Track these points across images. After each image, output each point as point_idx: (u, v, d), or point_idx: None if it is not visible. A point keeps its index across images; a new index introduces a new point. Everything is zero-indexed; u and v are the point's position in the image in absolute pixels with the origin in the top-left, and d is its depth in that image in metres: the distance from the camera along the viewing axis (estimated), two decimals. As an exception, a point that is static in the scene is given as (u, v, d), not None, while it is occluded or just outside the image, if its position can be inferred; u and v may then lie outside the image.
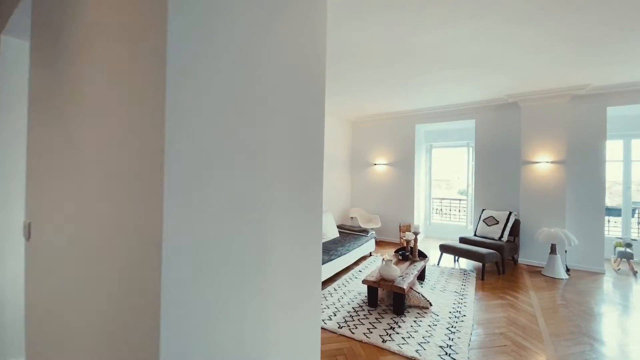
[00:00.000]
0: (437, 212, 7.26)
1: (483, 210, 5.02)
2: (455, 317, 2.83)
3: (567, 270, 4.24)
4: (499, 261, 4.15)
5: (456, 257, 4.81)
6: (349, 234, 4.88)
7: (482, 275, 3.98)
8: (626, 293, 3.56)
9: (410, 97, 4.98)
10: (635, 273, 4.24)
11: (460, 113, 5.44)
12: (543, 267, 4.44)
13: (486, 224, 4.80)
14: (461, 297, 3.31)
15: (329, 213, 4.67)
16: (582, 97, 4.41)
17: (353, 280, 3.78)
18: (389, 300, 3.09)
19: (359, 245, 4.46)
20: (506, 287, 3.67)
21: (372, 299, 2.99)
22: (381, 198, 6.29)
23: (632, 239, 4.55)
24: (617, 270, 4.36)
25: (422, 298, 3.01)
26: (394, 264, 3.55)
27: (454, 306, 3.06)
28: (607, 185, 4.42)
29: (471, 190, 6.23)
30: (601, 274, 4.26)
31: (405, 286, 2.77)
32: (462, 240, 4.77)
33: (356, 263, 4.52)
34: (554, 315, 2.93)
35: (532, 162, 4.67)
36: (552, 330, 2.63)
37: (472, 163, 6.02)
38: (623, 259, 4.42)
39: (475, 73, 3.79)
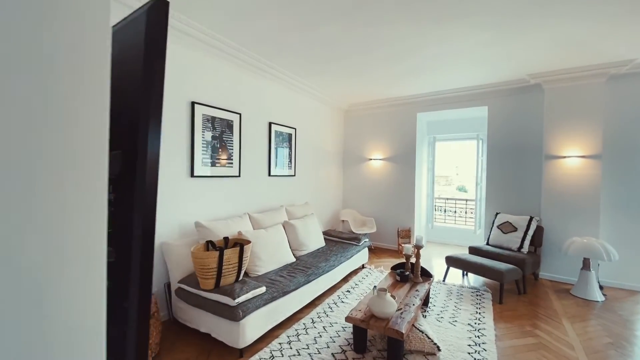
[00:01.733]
0: (441, 213, 6.46)
1: (497, 214, 4.22)
2: (473, 369, 2.04)
3: (601, 287, 3.46)
4: (519, 279, 3.36)
5: (465, 272, 4.02)
6: (338, 242, 4.08)
7: (500, 298, 3.19)
8: (686, 324, 2.78)
9: (410, 79, 4.14)
10: (686, 293, 3.46)
11: (470, 99, 4.61)
12: (571, 285, 3.66)
13: (501, 231, 4.00)
14: (478, 333, 2.52)
15: (310, 217, 3.86)
16: (623, 77, 3.58)
17: (338, 306, 2.99)
18: (383, 342, 2.30)
19: (348, 258, 3.66)
20: (532, 316, 2.88)
21: (360, 342, 2.20)
22: (377, 198, 5.48)
23: (683, 252, 3.75)
24: (664, 290, 3.58)
25: (427, 340, 2.22)
26: (390, 285, 2.77)
27: (470, 350, 2.27)
28: None
29: (481, 190, 5.42)
30: (643, 293, 3.49)
31: (404, 329, 1.97)
32: (473, 250, 3.98)
33: (345, 279, 3.73)
34: (607, 365, 2.15)
35: (558, 157, 3.85)
36: (612, 395, 1.85)
37: (482, 158, 5.20)
38: (669, 275, 3.63)
39: (493, 41, 2.95)
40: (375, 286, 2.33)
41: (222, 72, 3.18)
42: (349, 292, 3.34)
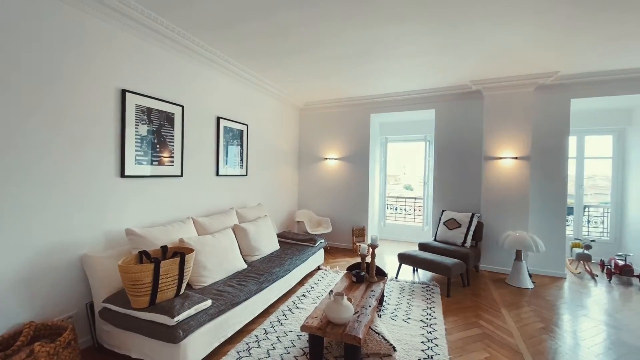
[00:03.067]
0: (392, 211, 6.70)
1: (443, 211, 4.46)
2: (427, 366, 2.06)
3: (530, 275, 3.84)
4: (463, 272, 3.57)
5: (415, 268, 4.17)
6: (293, 244, 3.93)
7: (447, 292, 3.35)
8: (600, 301, 3.20)
9: (365, 80, 4.16)
10: (594, 276, 4.02)
11: (419, 102, 4.81)
12: (506, 275, 4.01)
13: (447, 227, 4.24)
14: (430, 328, 2.57)
15: (264, 219, 3.65)
16: (548, 87, 4.04)
17: (293, 312, 2.84)
18: (339, 349, 2.22)
19: (304, 260, 3.54)
20: (476, 307, 3.07)
21: (316, 351, 2.08)
22: (332, 198, 5.46)
23: (591, 240, 4.36)
24: (578, 274, 4.11)
25: (384, 342, 2.19)
26: (346, 286, 2.70)
27: (424, 347, 2.30)
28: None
29: (428, 189, 5.73)
30: (562, 278, 3.96)
31: (361, 333, 1.90)
32: (422, 247, 4.14)
33: (301, 282, 3.59)
34: (539, 347, 2.34)
35: (495, 158, 4.20)
36: (546, 377, 2.00)
37: (429, 159, 5.49)
38: (581, 262, 4.20)
39: (439, 48, 3.08)
40: (331, 290, 2.23)
41: (161, 59, 2.81)
42: (305, 296, 3.21)
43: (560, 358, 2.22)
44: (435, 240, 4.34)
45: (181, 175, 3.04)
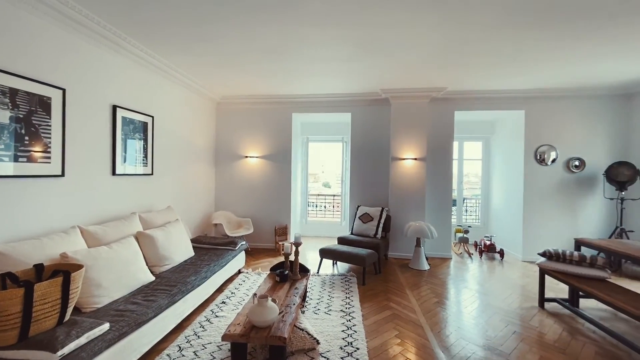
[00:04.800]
0: (313, 209, 6.93)
1: (358, 207, 4.86)
2: (348, 352, 2.21)
3: (427, 258, 4.53)
4: (376, 261, 3.96)
5: (335, 261, 4.42)
6: (210, 249, 3.66)
7: (363, 280, 3.66)
8: (475, 275, 4.00)
9: (287, 79, 4.17)
10: (470, 255, 5.00)
11: (337, 105, 5.09)
12: (409, 259, 4.62)
13: (362, 221, 4.62)
14: (349, 317, 2.76)
15: (175, 224, 3.28)
16: (439, 100, 4.81)
17: (212, 322, 2.64)
18: (264, 352, 2.17)
19: (223, 266, 3.33)
20: (387, 291, 3.44)
21: (239, 359, 1.98)
22: (254, 197, 5.29)
23: (469, 226, 5.40)
24: (460, 254, 5.05)
25: (308, 337, 2.25)
26: (270, 287, 2.66)
27: (344, 335, 2.45)
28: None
29: (345, 186, 6.13)
30: (449, 258, 4.80)
31: (286, 332, 1.90)
32: (341, 240, 4.42)
33: (220, 289, 3.37)
34: (435, 318, 2.78)
35: (399, 159, 4.79)
36: (440, 342, 2.39)
37: (346, 159, 5.88)
38: (461, 244, 5.16)
39: (354, 56, 3.33)
40: (255, 293, 2.16)
41: (30, 28, 2.21)
42: (225, 303, 3.03)
43: (449, 325, 2.69)
44: (352, 233, 4.68)
45: (62, 175, 2.46)
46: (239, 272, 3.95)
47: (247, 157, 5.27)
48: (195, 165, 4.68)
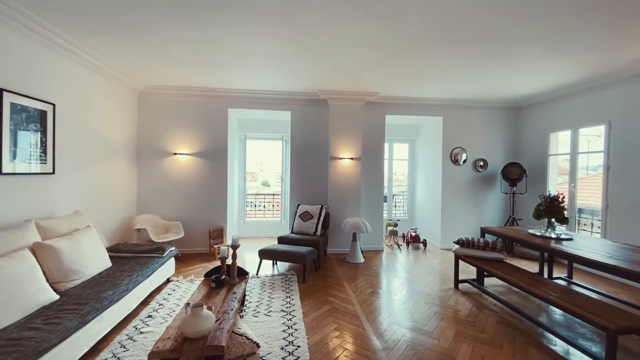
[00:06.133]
0: (252, 208, 6.71)
1: (299, 205, 4.88)
2: (289, 352, 2.20)
3: (362, 252, 4.81)
4: (315, 257, 4.04)
5: (275, 261, 4.36)
6: (132, 257, 3.24)
7: (303, 278, 3.70)
8: (403, 264, 4.39)
9: (222, 71, 3.94)
10: (399, 246, 5.48)
11: (276, 102, 5.02)
12: (346, 254, 4.84)
13: (302, 219, 4.66)
14: (289, 316, 2.76)
15: (85, 231, 2.81)
16: (372, 104, 5.13)
17: (136, 340, 2.35)
18: (199, 364, 2.02)
19: (148, 275, 2.99)
20: (326, 286, 3.54)
21: (170, 376, 1.80)
22: (184, 198, 4.87)
23: (397, 220, 5.91)
24: (390, 246, 5.49)
25: (247, 341, 2.17)
26: (205, 295, 2.49)
27: (285, 335, 2.44)
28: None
29: (285, 185, 6.09)
30: (382, 250, 5.18)
31: (224, 340, 1.80)
32: (281, 240, 4.38)
33: (145, 302, 3.02)
34: (370, 308, 2.97)
35: (337, 158, 4.97)
36: (375, 330, 2.56)
37: (286, 157, 5.85)
38: (392, 236, 5.62)
39: (292, 55, 3.33)
40: (188, 303, 2.00)
41: None
42: (151, 317, 2.72)
43: (382, 312, 2.91)
44: (292, 232, 4.68)
45: None
46: (168, 280, 3.59)
47: (176, 154, 4.82)
48: (111, 162, 4.08)
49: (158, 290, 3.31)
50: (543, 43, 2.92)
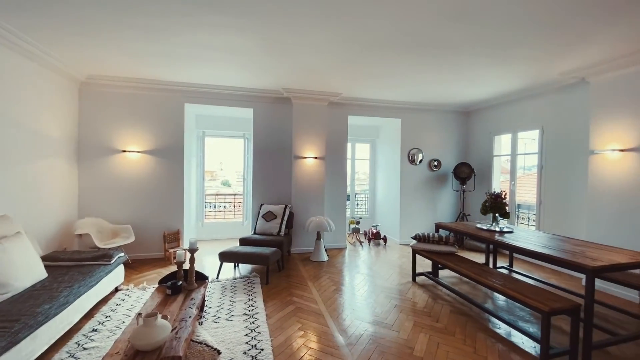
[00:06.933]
0: (211, 209, 6.42)
1: (262, 205, 4.78)
2: (252, 356, 2.14)
3: (326, 250, 4.86)
4: (279, 258, 3.99)
5: (236, 263, 4.22)
6: (72, 266, 2.91)
7: (267, 279, 3.63)
8: (365, 260, 4.52)
9: (175, 64, 3.70)
10: (361, 243, 5.63)
11: (237, 99, 4.85)
12: (310, 253, 4.85)
13: (265, 219, 4.57)
14: (252, 319, 2.69)
15: (13, 239, 2.46)
16: (335, 104, 5.19)
17: (78, 358, 2.11)
18: (153, 378, 1.87)
19: (92, 285, 2.70)
20: (290, 286, 3.51)
21: (119, 394, 1.65)
22: (135, 200, 4.49)
23: (360, 218, 6.06)
24: (353, 243, 5.62)
25: (207, 349, 2.07)
26: (159, 303, 2.33)
27: (248, 339, 2.37)
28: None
29: (247, 184, 5.92)
30: (345, 248, 5.29)
31: (181, 350, 1.70)
32: (243, 241, 4.25)
33: (90, 315, 2.73)
34: (333, 305, 3.01)
35: (301, 157, 4.95)
36: (338, 326, 2.60)
37: (248, 156, 5.69)
38: (354, 234, 5.76)
39: (254, 50, 3.25)
40: (140, 313, 1.84)
41: None
42: (96, 330, 2.47)
43: (345, 309, 2.96)
44: (255, 233, 4.57)
45: None
46: (117, 290, 3.29)
47: (125, 151, 4.42)
48: (47, 161, 3.62)
49: (105, 301, 3.02)
50: (488, 53, 3.19)
